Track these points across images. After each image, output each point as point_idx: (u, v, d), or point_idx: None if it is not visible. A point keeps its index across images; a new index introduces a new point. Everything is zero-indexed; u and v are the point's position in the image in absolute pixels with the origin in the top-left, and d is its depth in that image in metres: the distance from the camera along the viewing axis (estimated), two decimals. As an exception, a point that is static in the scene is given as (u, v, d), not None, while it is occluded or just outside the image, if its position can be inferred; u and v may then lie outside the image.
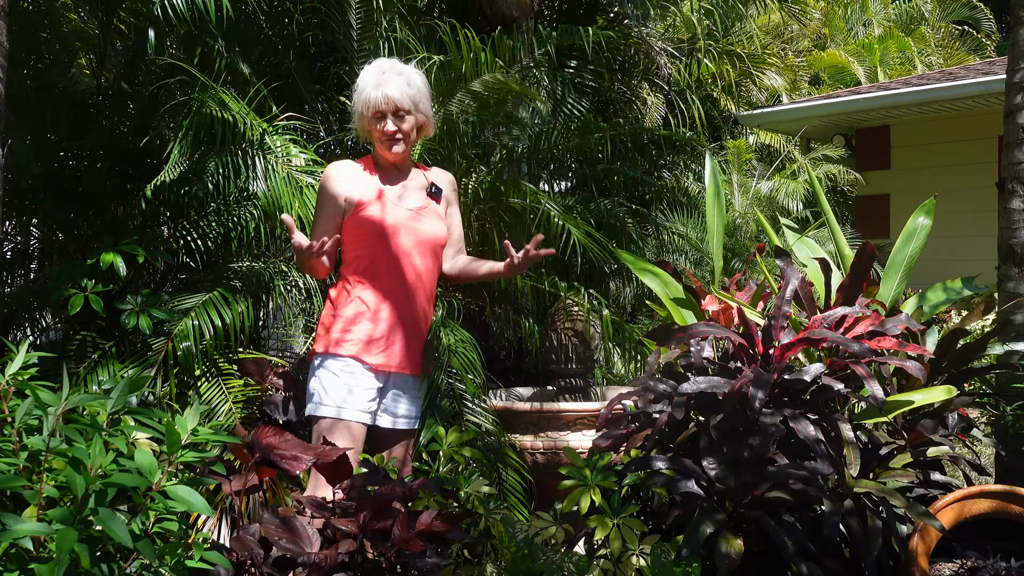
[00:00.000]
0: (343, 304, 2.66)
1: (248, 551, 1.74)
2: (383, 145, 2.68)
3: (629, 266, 3.19)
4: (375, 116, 2.64)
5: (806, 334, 2.44)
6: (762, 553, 2.34)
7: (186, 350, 3.22)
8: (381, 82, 2.64)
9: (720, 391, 2.37)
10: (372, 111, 2.64)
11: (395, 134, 2.66)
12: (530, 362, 4.40)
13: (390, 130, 2.65)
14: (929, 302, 3.12)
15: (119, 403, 1.51)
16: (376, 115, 2.64)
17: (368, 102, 2.63)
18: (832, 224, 3.34)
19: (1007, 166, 3.10)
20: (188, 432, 1.53)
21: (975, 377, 3.07)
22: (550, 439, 3.34)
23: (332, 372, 2.60)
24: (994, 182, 3.20)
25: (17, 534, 1.29)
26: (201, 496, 1.45)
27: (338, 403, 2.58)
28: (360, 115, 2.67)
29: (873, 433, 2.65)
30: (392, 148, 2.67)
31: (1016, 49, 3.08)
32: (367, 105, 2.64)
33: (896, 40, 12.85)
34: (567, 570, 2.21)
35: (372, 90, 2.63)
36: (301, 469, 1.86)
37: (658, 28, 8.16)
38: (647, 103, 7.26)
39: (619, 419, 2.76)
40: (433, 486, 2.11)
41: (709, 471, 2.31)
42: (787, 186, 8.14)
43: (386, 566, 1.82)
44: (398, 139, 2.66)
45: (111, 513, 1.33)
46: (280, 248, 3.73)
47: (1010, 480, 2.92)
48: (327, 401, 2.59)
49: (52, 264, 3.84)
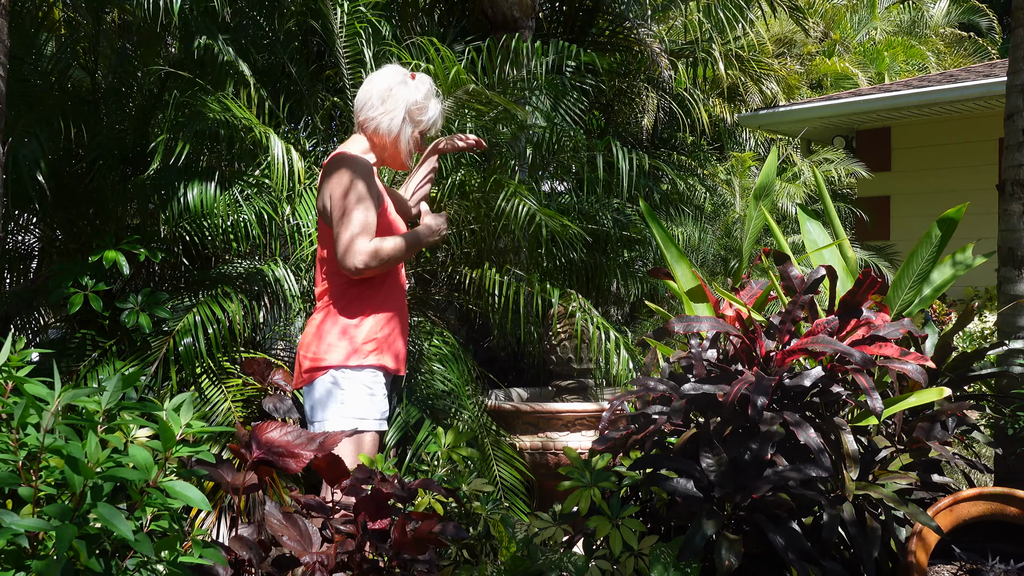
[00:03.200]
0: (359, 310, 2.55)
1: (247, 550, 1.74)
2: (409, 159, 2.69)
3: (655, 235, 3.20)
4: (423, 133, 2.69)
5: (808, 341, 2.43)
6: (761, 555, 2.34)
7: (187, 347, 3.22)
8: (440, 108, 2.71)
9: (721, 393, 2.37)
10: (434, 132, 2.72)
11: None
12: (529, 362, 4.41)
13: (422, 150, 2.77)
14: (934, 283, 3.06)
15: (113, 398, 1.50)
16: (425, 134, 2.70)
17: (434, 124, 2.69)
18: (836, 224, 3.34)
19: (1007, 168, 3.10)
20: (182, 427, 1.52)
21: (976, 380, 3.07)
22: (549, 439, 3.34)
23: (365, 384, 2.53)
24: (994, 184, 3.20)
25: (14, 530, 1.29)
26: (198, 490, 1.45)
27: (377, 416, 2.55)
28: (414, 127, 2.66)
29: (872, 436, 2.65)
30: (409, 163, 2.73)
31: (1017, 51, 3.08)
32: (432, 126, 2.69)
33: (903, 46, 12.84)
34: (566, 570, 2.21)
35: (438, 116, 2.70)
36: (299, 468, 1.86)
37: (659, 30, 8.16)
38: (647, 104, 7.26)
39: (619, 420, 2.76)
40: (432, 486, 2.11)
41: (708, 473, 2.31)
42: (787, 189, 8.14)
43: (384, 566, 1.82)
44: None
45: (111, 508, 1.33)
46: (278, 249, 3.74)
47: (1010, 482, 2.92)
48: (370, 415, 2.53)
49: (52, 263, 3.84)
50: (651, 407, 2.56)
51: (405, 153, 2.65)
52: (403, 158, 2.67)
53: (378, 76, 2.65)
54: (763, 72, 8.82)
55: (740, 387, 2.29)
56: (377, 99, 2.61)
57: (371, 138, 2.64)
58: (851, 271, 3.21)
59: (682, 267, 3.11)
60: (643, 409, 2.58)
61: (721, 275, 5.90)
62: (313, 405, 2.53)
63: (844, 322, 2.54)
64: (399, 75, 2.64)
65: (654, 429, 2.47)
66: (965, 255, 3.05)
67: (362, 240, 2.45)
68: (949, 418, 2.71)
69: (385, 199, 2.62)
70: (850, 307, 2.56)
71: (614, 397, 2.62)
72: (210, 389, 3.33)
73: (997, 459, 3.05)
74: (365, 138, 2.65)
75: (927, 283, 3.04)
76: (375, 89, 2.63)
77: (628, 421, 2.71)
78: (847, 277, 3.16)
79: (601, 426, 2.62)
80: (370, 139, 2.65)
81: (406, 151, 2.65)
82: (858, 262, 5.21)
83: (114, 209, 3.66)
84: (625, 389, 3.49)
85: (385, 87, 2.62)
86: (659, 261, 4.78)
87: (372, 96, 2.62)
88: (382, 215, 2.56)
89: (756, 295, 2.85)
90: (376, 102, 2.61)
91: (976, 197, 5.40)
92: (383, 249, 2.47)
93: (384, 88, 2.62)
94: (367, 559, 1.80)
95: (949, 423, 2.72)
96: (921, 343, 2.96)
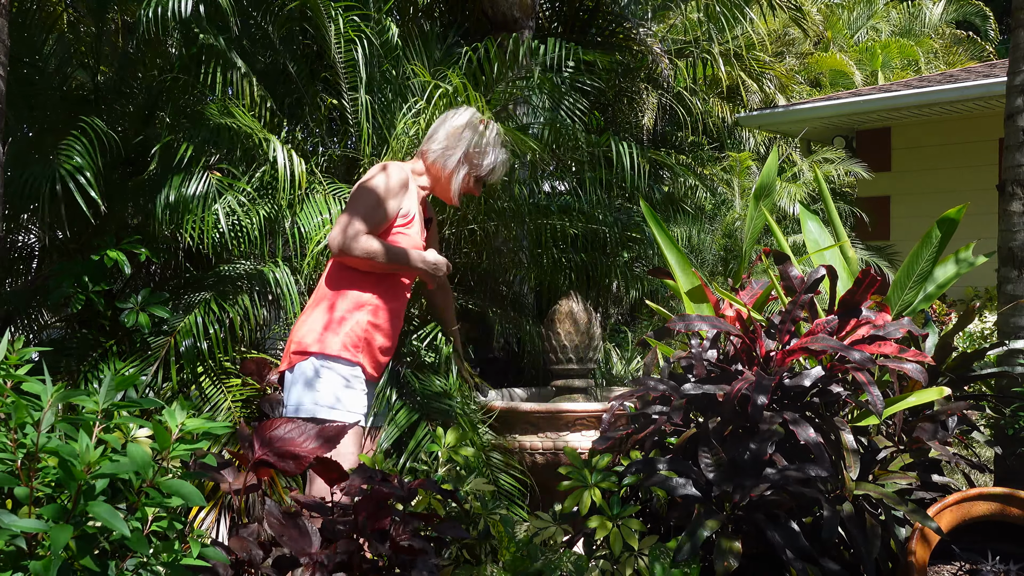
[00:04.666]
0: (351, 307, 2.63)
1: (247, 550, 1.73)
2: (457, 197, 2.82)
3: (655, 235, 3.21)
4: (479, 179, 2.82)
5: (807, 340, 2.43)
6: (761, 556, 2.33)
7: (189, 347, 3.23)
8: (502, 159, 2.84)
9: (721, 393, 2.36)
10: (492, 179, 2.85)
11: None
12: (529, 362, 4.40)
13: (477, 192, 2.90)
14: (937, 281, 3.07)
15: (109, 398, 1.50)
16: (481, 179, 2.83)
17: (492, 171, 2.82)
18: (836, 224, 3.34)
19: (1007, 168, 3.10)
20: (178, 426, 1.52)
21: (976, 380, 3.07)
22: (549, 439, 3.33)
23: (343, 376, 2.59)
24: (994, 185, 3.20)
25: (12, 531, 1.28)
26: (193, 487, 1.44)
27: (352, 408, 2.60)
28: (471, 170, 2.79)
29: (872, 436, 2.65)
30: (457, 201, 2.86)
31: (1017, 52, 3.08)
32: (491, 172, 2.82)
33: (899, 45, 12.85)
34: (566, 570, 2.21)
35: (499, 166, 2.84)
36: (299, 470, 1.85)
37: (658, 29, 8.16)
38: (647, 104, 7.26)
39: (619, 420, 2.75)
40: (431, 486, 2.11)
41: (707, 473, 2.30)
42: (788, 189, 8.13)
43: (384, 566, 1.81)
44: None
45: (109, 507, 1.32)
46: (279, 250, 3.73)
47: (1010, 482, 2.92)
48: (344, 406, 2.58)
49: (52, 263, 3.84)
50: (651, 407, 2.56)
51: (455, 191, 2.81)
52: (452, 195, 2.82)
53: (454, 114, 2.82)
54: (762, 71, 8.82)
55: (740, 386, 2.29)
56: (443, 134, 2.80)
57: (429, 167, 2.81)
58: (852, 271, 3.21)
59: (682, 267, 3.11)
60: (643, 409, 2.58)
61: (721, 275, 5.90)
62: (289, 388, 2.62)
63: (844, 321, 2.54)
64: (472, 119, 2.82)
65: (654, 429, 2.46)
66: (967, 254, 3.06)
67: (355, 223, 2.56)
68: (949, 418, 2.71)
69: (416, 219, 2.73)
70: (850, 306, 2.56)
71: (614, 396, 2.62)
72: (210, 389, 3.33)
73: (997, 459, 3.05)
74: (424, 164, 2.81)
75: (929, 281, 3.05)
76: (447, 126, 2.81)
77: (628, 421, 2.70)
78: (848, 277, 3.16)
79: (601, 426, 2.62)
80: (428, 167, 2.81)
81: (455, 189, 2.80)
82: (858, 262, 5.20)
83: (114, 209, 3.66)
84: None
85: (455, 126, 2.80)
86: (660, 261, 4.77)
87: (439, 131, 2.80)
88: (398, 224, 2.67)
89: (756, 295, 2.85)
90: (441, 136, 2.80)
91: (976, 197, 5.40)
92: (371, 242, 2.57)
93: (454, 127, 2.80)
94: (367, 559, 1.80)
95: (949, 423, 2.72)
96: (921, 342, 2.96)
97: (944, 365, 2.95)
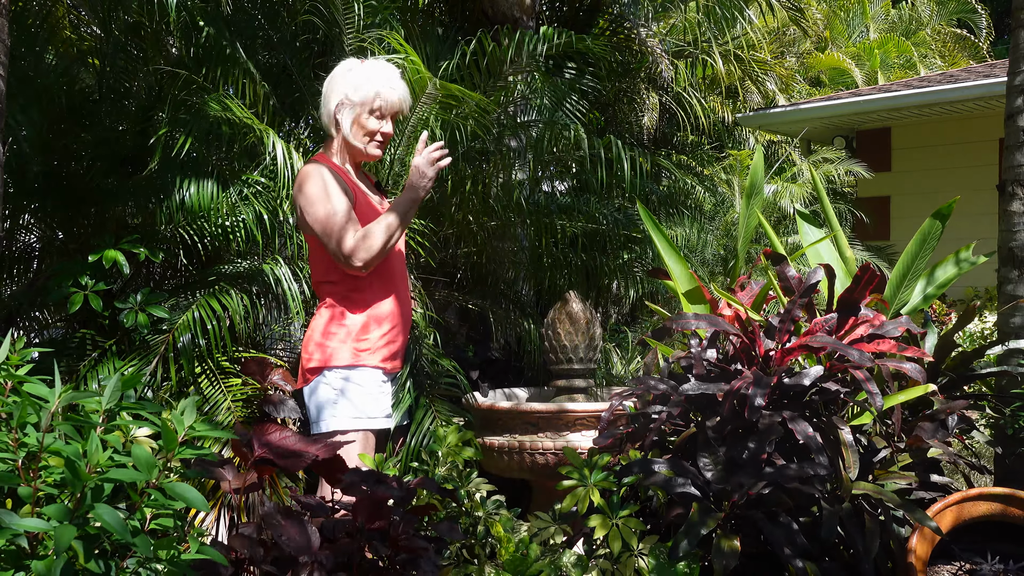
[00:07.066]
0: (356, 311, 2.54)
1: (247, 549, 1.73)
2: (373, 146, 2.57)
3: (652, 236, 3.20)
4: (380, 116, 2.54)
5: (806, 339, 2.43)
6: (760, 555, 2.34)
7: (186, 344, 3.22)
8: (395, 84, 2.54)
9: (720, 392, 2.37)
10: (389, 111, 2.54)
11: (389, 137, 2.60)
12: (529, 362, 4.40)
13: (388, 132, 2.57)
14: (937, 281, 3.06)
15: (113, 398, 1.50)
16: (382, 116, 2.54)
17: (387, 102, 2.52)
18: (834, 225, 3.34)
19: (1007, 169, 3.10)
20: (185, 428, 1.52)
21: (976, 380, 3.07)
22: (549, 439, 3.34)
23: (364, 384, 2.52)
24: (994, 185, 3.20)
25: (13, 530, 1.28)
26: (198, 492, 1.45)
27: (378, 414, 2.56)
28: (361, 110, 2.53)
29: (872, 436, 2.65)
30: (380, 151, 2.58)
31: (1017, 52, 3.08)
32: (386, 104, 2.52)
33: (896, 44, 12.86)
34: (566, 570, 2.21)
35: (388, 90, 2.52)
36: (300, 468, 1.86)
37: (658, 29, 8.16)
38: (646, 104, 7.26)
39: (618, 420, 2.76)
40: (431, 485, 2.11)
41: (705, 472, 2.31)
42: (789, 189, 8.14)
43: (384, 566, 1.82)
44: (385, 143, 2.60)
45: (109, 508, 1.33)
46: (276, 247, 3.73)
47: (1010, 482, 2.92)
48: (370, 414, 2.53)
49: (52, 263, 3.84)
50: (651, 406, 2.56)
51: (356, 139, 2.54)
52: (360, 146, 2.55)
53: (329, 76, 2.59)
54: (762, 70, 8.81)
55: (739, 386, 2.29)
56: (324, 100, 2.57)
57: (334, 138, 2.58)
58: (849, 270, 3.21)
59: (680, 268, 3.11)
60: (643, 409, 2.58)
61: (720, 275, 5.90)
62: (314, 406, 2.54)
63: (843, 320, 2.54)
64: (344, 64, 2.57)
65: (654, 428, 2.47)
66: (967, 254, 3.06)
67: (349, 239, 2.42)
68: (949, 417, 2.71)
69: (361, 198, 2.55)
70: (848, 305, 2.56)
71: (613, 395, 2.62)
72: (209, 389, 3.33)
73: (997, 459, 3.05)
74: (331, 143, 2.60)
75: (930, 282, 3.05)
76: (325, 89, 2.57)
77: (628, 420, 2.71)
78: (845, 276, 3.16)
79: (601, 425, 2.62)
80: (333, 139, 2.59)
81: (354, 135, 2.53)
82: (858, 262, 5.20)
83: (114, 209, 3.66)
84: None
85: (329, 82, 2.57)
86: (659, 261, 4.78)
87: (323, 102, 2.56)
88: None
89: (754, 295, 2.86)
90: (323, 103, 2.57)
91: (976, 197, 5.41)
92: (373, 231, 2.44)
93: (328, 84, 2.57)
94: (367, 559, 1.80)
95: (949, 423, 2.72)
96: (920, 340, 2.96)
97: (944, 364, 2.95)
